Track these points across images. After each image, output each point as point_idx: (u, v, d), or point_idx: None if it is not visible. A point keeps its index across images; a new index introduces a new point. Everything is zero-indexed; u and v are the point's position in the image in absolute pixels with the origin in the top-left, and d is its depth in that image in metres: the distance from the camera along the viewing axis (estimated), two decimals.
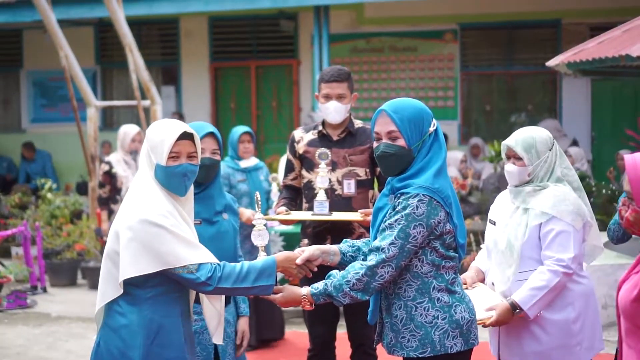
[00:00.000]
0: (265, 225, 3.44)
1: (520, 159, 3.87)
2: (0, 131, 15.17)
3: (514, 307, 3.71)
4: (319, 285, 3.18)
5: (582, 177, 10.00)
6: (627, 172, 3.08)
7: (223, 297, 3.22)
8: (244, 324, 3.83)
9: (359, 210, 4.52)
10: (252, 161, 6.85)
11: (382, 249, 3.13)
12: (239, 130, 6.83)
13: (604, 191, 9.69)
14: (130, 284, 2.98)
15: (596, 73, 10.20)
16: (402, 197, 3.18)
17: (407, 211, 3.13)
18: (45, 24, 10.42)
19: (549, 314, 3.78)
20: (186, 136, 3.10)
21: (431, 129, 3.25)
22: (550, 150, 3.89)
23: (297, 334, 7.22)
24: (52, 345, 7.16)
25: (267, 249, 6.89)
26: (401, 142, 3.21)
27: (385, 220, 3.21)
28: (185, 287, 3.09)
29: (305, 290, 3.19)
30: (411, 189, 3.16)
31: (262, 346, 6.87)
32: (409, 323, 3.21)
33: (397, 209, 3.17)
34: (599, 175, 11.70)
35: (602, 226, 9.41)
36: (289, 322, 7.60)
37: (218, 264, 3.00)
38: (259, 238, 3.33)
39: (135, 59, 10.41)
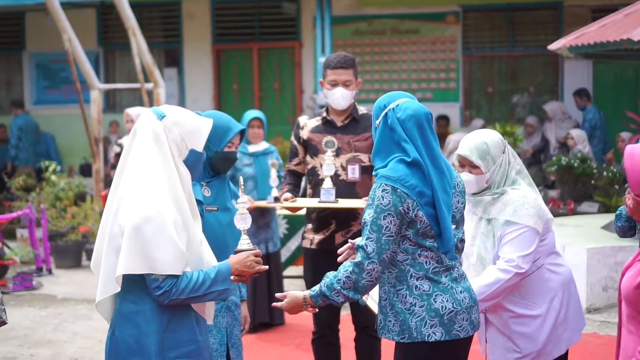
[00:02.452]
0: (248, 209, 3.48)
1: (475, 167, 3.78)
2: (3, 113, 15.19)
3: None
4: (316, 288, 3.24)
5: (584, 160, 10.05)
6: (624, 162, 3.14)
7: None
8: (244, 309, 3.96)
9: (364, 198, 4.58)
10: (261, 146, 6.94)
11: (362, 246, 3.15)
12: (249, 114, 6.94)
13: (605, 173, 9.75)
14: (140, 274, 3.00)
15: (598, 56, 10.22)
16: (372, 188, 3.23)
17: (375, 203, 3.14)
18: (48, 6, 10.43)
19: (536, 306, 3.79)
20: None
21: (377, 121, 3.30)
22: (503, 153, 3.81)
23: (301, 317, 7.25)
24: (59, 326, 7.24)
25: (275, 232, 6.98)
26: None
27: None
28: None
29: (304, 293, 3.26)
30: (376, 179, 3.21)
31: (264, 329, 6.95)
32: (391, 309, 3.24)
33: (368, 203, 3.20)
34: (599, 157, 11.74)
35: (604, 208, 9.49)
36: None
37: (177, 278, 2.96)
38: (241, 222, 3.36)
39: (138, 42, 10.43)
